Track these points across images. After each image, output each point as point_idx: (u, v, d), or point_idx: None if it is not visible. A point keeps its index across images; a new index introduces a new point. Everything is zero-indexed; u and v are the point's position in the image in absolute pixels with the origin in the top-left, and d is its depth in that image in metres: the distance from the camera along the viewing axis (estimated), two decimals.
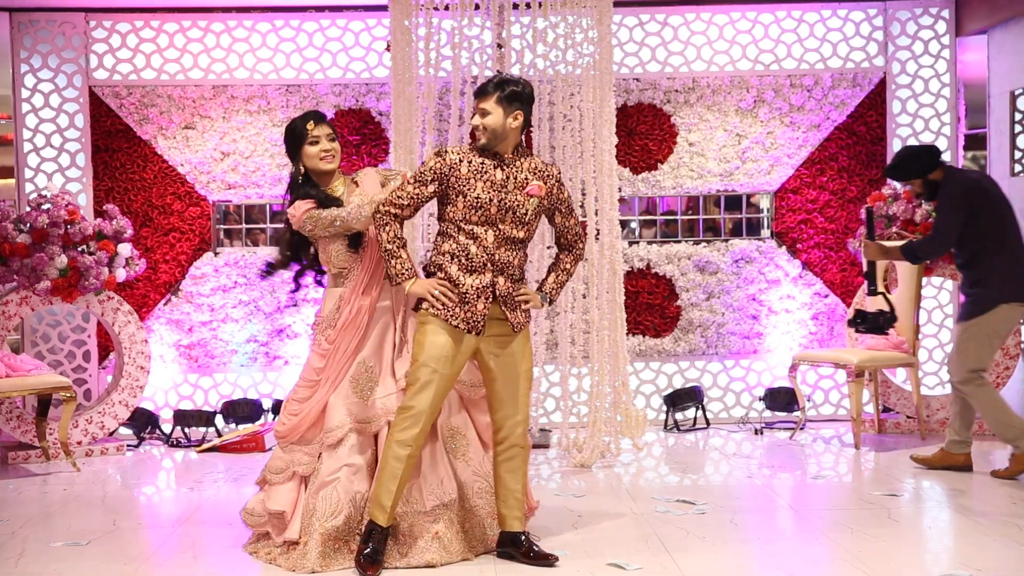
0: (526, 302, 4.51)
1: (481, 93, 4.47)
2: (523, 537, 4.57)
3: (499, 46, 6.83)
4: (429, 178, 4.45)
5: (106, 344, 7.67)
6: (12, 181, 7.74)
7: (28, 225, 6.90)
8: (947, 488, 6.05)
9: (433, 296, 4.39)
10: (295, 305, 7.75)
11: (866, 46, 7.93)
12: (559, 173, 4.60)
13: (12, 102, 7.63)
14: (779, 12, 7.91)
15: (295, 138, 4.74)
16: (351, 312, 4.66)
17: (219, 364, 7.77)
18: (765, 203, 8.01)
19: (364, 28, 7.82)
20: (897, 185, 7.72)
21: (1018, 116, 7.66)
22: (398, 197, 4.45)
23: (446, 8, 6.61)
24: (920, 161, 6.07)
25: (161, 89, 7.73)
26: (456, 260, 4.42)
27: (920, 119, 7.90)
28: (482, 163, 4.44)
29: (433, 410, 4.42)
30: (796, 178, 7.93)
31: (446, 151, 4.47)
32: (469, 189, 4.41)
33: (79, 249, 6.99)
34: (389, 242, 4.43)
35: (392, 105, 6.71)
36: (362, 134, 7.77)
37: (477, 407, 4.76)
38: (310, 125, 4.71)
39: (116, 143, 7.72)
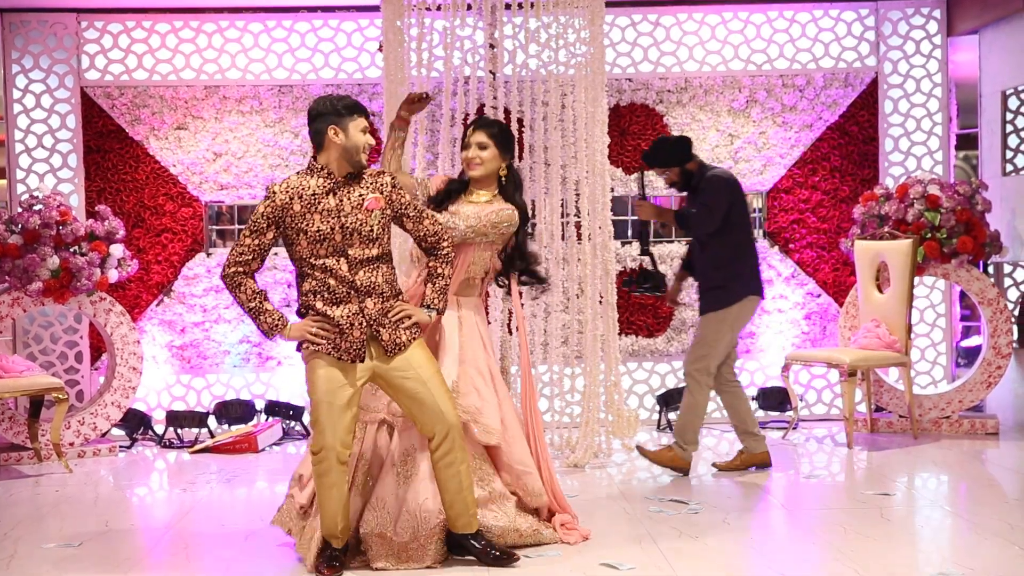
0: (408, 317, 4.40)
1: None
2: (478, 537, 4.52)
3: (491, 46, 6.83)
4: (264, 225, 4.30)
5: (98, 345, 7.65)
6: (3, 182, 7.73)
7: (20, 226, 6.89)
8: (939, 487, 6.07)
9: (311, 334, 4.32)
10: (288, 305, 7.74)
11: (858, 46, 7.95)
12: (392, 179, 4.46)
13: (3, 103, 7.62)
14: (771, 12, 7.92)
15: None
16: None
17: (212, 365, 7.76)
18: (758, 203, 8.02)
19: (356, 28, 7.81)
20: (890, 184, 7.74)
21: (1009, 116, 7.68)
22: (240, 254, 4.31)
23: (438, 8, 6.61)
24: (680, 150, 6.11)
25: (153, 90, 7.72)
26: (319, 296, 4.32)
27: (912, 119, 7.92)
28: (312, 195, 4.31)
29: (342, 443, 4.35)
30: (788, 178, 7.94)
31: (274, 192, 4.30)
32: (307, 224, 4.29)
33: (71, 250, 6.97)
34: (249, 300, 4.32)
35: (384, 106, 6.71)
36: None
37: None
38: (470, 130, 4.87)
39: (108, 144, 7.70)
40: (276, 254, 7.74)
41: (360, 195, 4.35)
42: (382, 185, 4.41)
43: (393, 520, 4.53)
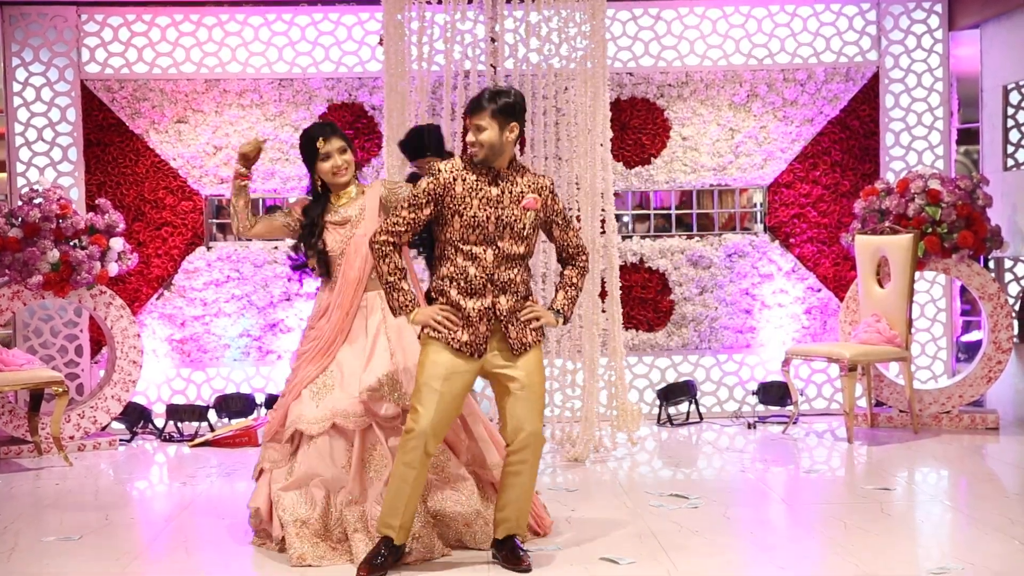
0: (536, 319, 4.40)
1: (475, 109, 4.42)
2: (516, 540, 4.50)
3: (492, 40, 6.82)
4: (424, 201, 4.32)
5: (98, 339, 7.65)
6: (3, 175, 7.72)
7: (20, 219, 6.88)
8: (939, 482, 6.07)
9: (436, 322, 4.31)
10: (288, 300, 7.74)
11: (859, 40, 7.93)
12: (552, 184, 4.51)
13: (3, 96, 7.61)
14: (772, 6, 7.91)
15: (308, 153, 4.82)
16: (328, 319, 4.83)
17: (212, 358, 7.76)
18: (758, 197, 8.01)
19: (357, 22, 7.80)
20: (891, 179, 7.73)
21: (1010, 110, 7.67)
22: (394, 224, 4.33)
23: (439, 2, 6.60)
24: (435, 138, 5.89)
25: (153, 83, 7.71)
26: (455, 284, 4.31)
27: (913, 113, 7.91)
28: (476, 180, 4.34)
29: (436, 430, 4.33)
30: (789, 172, 7.94)
31: (439, 170, 4.36)
32: (465, 208, 4.31)
33: (71, 243, 6.97)
34: (390, 274, 4.31)
35: (385, 99, 6.70)
36: (355, 128, 7.75)
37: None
38: (319, 143, 4.77)
39: (108, 137, 7.70)
40: (276, 248, 7.75)
41: (521, 192, 4.38)
42: (541, 188, 4.44)
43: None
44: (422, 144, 5.07)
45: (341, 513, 4.60)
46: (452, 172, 4.35)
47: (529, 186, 4.41)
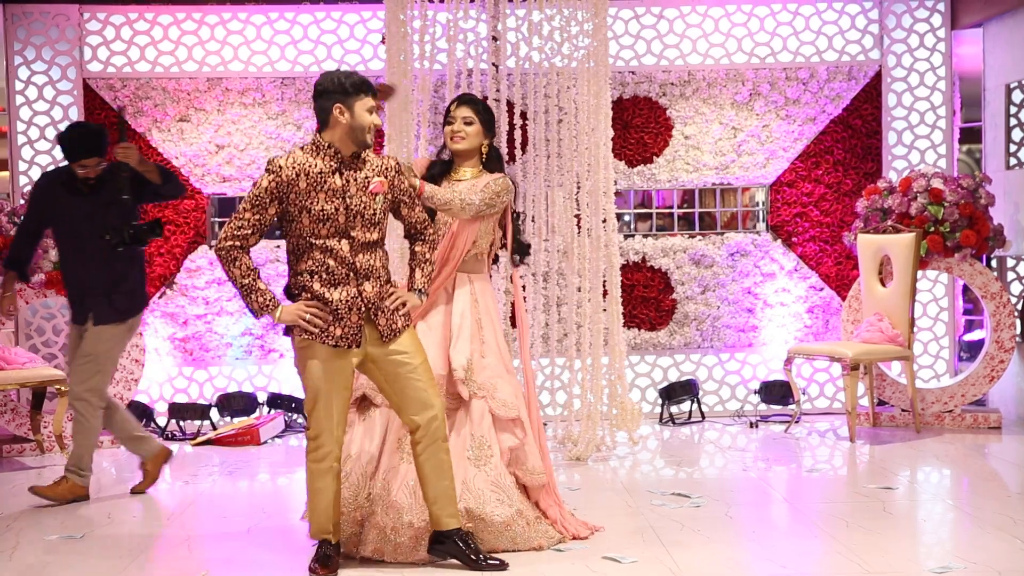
0: (403, 304, 4.35)
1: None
2: (464, 536, 4.40)
3: (494, 39, 6.82)
4: (267, 200, 4.21)
5: None
6: (6, 174, 7.72)
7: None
8: (941, 481, 6.07)
9: (304, 320, 4.22)
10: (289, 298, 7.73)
11: (862, 39, 7.93)
12: (396, 163, 4.43)
13: (6, 94, 7.61)
14: (775, 5, 7.90)
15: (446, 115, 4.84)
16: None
17: (214, 357, 7.76)
18: (760, 196, 8.01)
19: (359, 20, 7.80)
20: (893, 178, 7.72)
21: (1013, 109, 7.66)
22: (238, 227, 4.20)
23: (441, 0, 6.60)
24: (101, 138, 5.71)
25: (155, 82, 7.71)
26: (317, 276, 4.23)
27: (915, 112, 7.90)
28: (319, 173, 4.24)
29: (339, 432, 4.31)
30: (791, 171, 7.93)
31: (280, 167, 4.21)
32: (312, 203, 4.21)
33: None
34: (243, 276, 4.21)
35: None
36: None
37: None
38: (452, 106, 4.80)
39: (111, 136, 7.68)
40: (278, 247, 7.75)
41: (366, 177, 4.29)
42: (386, 169, 4.36)
43: (407, 510, 4.48)
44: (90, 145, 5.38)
45: (369, 494, 4.58)
46: (294, 167, 4.24)
47: (373, 170, 4.33)
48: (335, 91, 4.27)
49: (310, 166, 4.24)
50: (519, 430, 4.71)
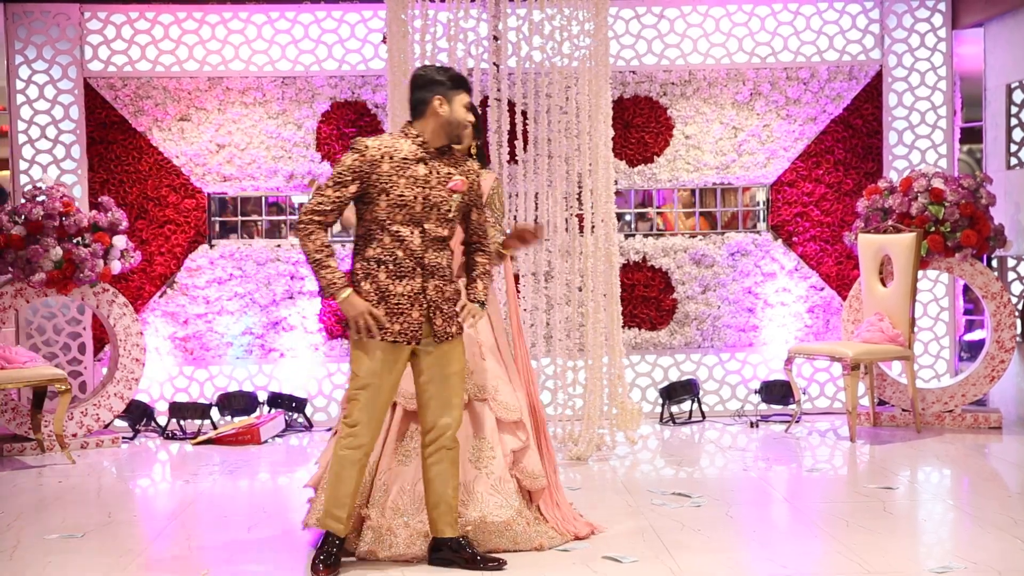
0: (472, 316, 4.35)
1: (469, 89, 4.41)
2: (462, 542, 4.41)
3: (495, 38, 6.82)
4: (350, 178, 4.19)
5: (101, 336, 7.65)
6: (7, 173, 7.72)
7: (23, 217, 6.89)
8: (942, 481, 6.07)
9: (362, 324, 4.19)
10: (291, 298, 7.74)
11: (862, 39, 7.93)
12: (478, 168, 4.46)
13: (7, 94, 7.61)
14: (775, 5, 7.90)
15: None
16: None
17: (214, 356, 7.76)
18: (761, 196, 8.01)
19: (360, 20, 7.80)
20: (894, 178, 7.72)
21: (1014, 109, 7.66)
22: (319, 204, 4.19)
23: (442, 0, 6.60)
24: None
25: (156, 81, 7.71)
26: (384, 266, 4.22)
27: (916, 112, 7.90)
28: (403, 159, 4.24)
29: (378, 421, 4.30)
30: (792, 171, 7.93)
31: (366, 147, 4.22)
32: (392, 187, 4.21)
33: (74, 241, 6.98)
34: (317, 252, 4.17)
35: (388, 97, 6.70)
36: (358, 126, 7.75)
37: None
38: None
39: (111, 135, 7.70)
40: (279, 246, 7.75)
41: (448, 172, 4.30)
42: (468, 171, 4.39)
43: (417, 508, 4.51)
44: None
45: (368, 496, 4.58)
46: (379, 149, 4.24)
47: (456, 167, 4.34)
48: (438, 83, 4.29)
49: (395, 150, 4.25)
50: (522, 432, 4.72)
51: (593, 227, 6.61)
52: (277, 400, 7.64)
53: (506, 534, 4.54)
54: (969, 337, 8.63)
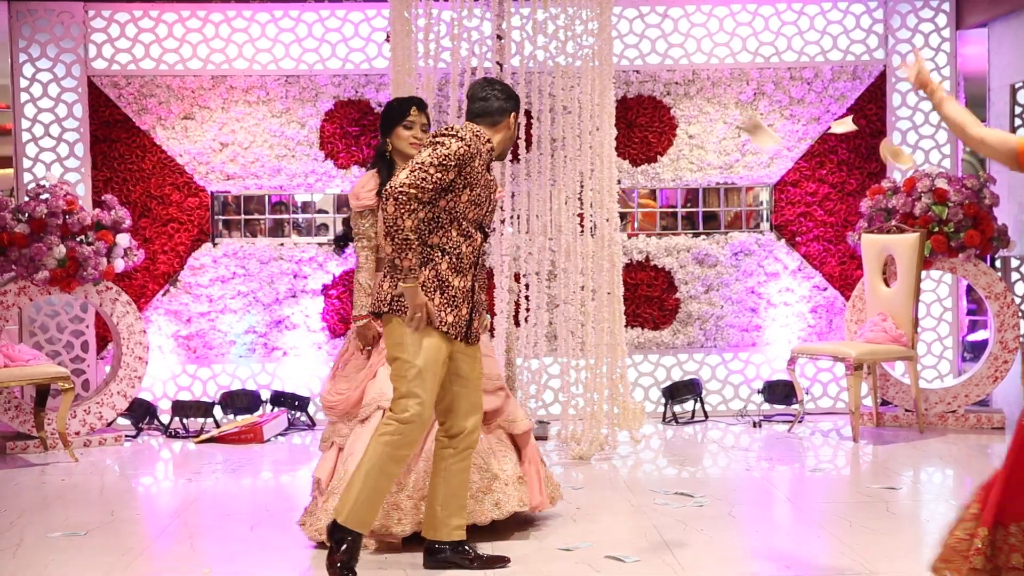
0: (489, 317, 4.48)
1: (424, 107, 4.49)
2: (461, 545, 4.38)
3: (499, 37, 6.81)
4: (453, 163, 4.10)
5: (104, 335, 7.66)
6: (10, 171, 7.73)
7: (27, 215, 6.89)
8: (945, 482, 6.06)
9: (418, 316, 4.11)
10: (294, 296, 7.75)
11: (866, 39, 7.92)
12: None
13: (11, 91, 7.62)
14: (779, 4, 7.89)
15: (392, 116, 4.83)
16: None
17: (217, 355, 7.77)
18: (764, 196, 8.01)
19: (364, 19, 7.80)
20: (897, 178, 7.72)
21: (1018, 109, 7.65)
22: (422, 179, 4.04)
23: None
24: None
25: (160, 79, 7.71)
26: (448, 257, 4.19)
27: (920, 112, 7.89)
28: (485, 161, 4.27)
29: (431, 418, 4.28)
30: (795, 171, 7.93)
31: (471, 136, 4.19)
32: (475, 183, 4.19)
33: (77, 239, 6.98)
34: (413, 231, 4.04)
35: (391, 96, 6.69)
36: (361, 125, 7.75)
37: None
38: (413, 109, 4.83)
39: (115, 133, 7.70)
40: (282, 244, 7.76)
41: (494, 181, 4.39)
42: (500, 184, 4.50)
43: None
44: None
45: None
46: (477, 145, 4.22)
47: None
48: (516, 99, 4.38)
49: (483, 151, 4.28)
50: (502, 392, 4.97)
51: (596, 227, 6.60)
52: (280, 399, 7.64)
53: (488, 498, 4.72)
54: (972, 337, 8.63)
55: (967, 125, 3.72)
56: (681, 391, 7.70)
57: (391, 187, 4.04)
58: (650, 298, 7.89)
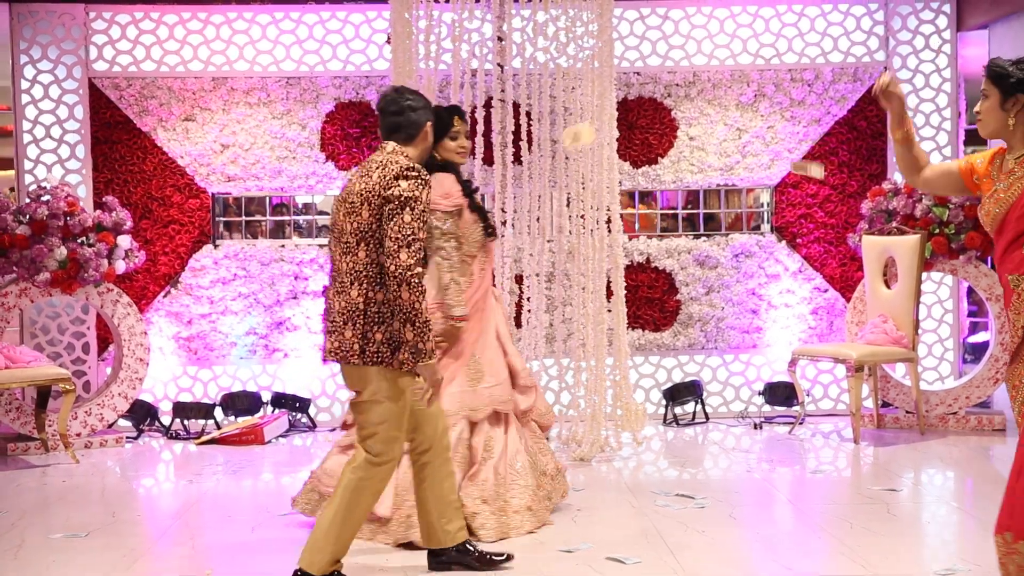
0: None
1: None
2: (464, 544, 4.39)
3: (500, 39, 6.82)
4: (425, 209, 4.04)
5: (105, 336, 7.66)
6: (12, 172, 7.73)
7: (28, 216, 6.89)
8: (946, 483, 6.06)
9: (429, 391, 4.04)
10: (295, 298, 7.75)
11: (867, 40, 7.92)
12: None
13: (12, 93, 7.62)
14: (780, 6, 7.90)
15: (437, 129, 4.70)
16: (473, 303, 4.96)
17: (218, 356, 7.77)
18: (765, 197, 8.01)
19: (364, 20, 7.81)
20: (898, 180, 7.72)
21: None
22: (419, 251, 3.99)
23: (446, 1, 6.60)
24: None
25: (161, 81, 7.72)
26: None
27: (921, 114, 7.89)
28: None
29: (403, 445, 4.28)
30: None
31: (425, 174, 4.09)
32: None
33: (79, 241, 6.99)
34: (427, 311, 4.00)
35: None
36: (362, 127, 7.76)
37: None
38: (456, 120, 4.91)
39: (116, 135, 7.71)
40: (283, 246, 7.76)
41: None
42: None
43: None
44: None
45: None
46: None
47: None
48: (431, 110, 4.30)
49: None
50: (533, 390, 5.19)
51: (596, 228, 6.60)
52: (281, 400, 7.64)
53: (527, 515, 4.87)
54: (973, 339, 8.62)
55: (920, 168, 3.74)
56: (682, 393, 7.70)
57: (399, 273, 3.89)
58: (651, 300, 7.89)
